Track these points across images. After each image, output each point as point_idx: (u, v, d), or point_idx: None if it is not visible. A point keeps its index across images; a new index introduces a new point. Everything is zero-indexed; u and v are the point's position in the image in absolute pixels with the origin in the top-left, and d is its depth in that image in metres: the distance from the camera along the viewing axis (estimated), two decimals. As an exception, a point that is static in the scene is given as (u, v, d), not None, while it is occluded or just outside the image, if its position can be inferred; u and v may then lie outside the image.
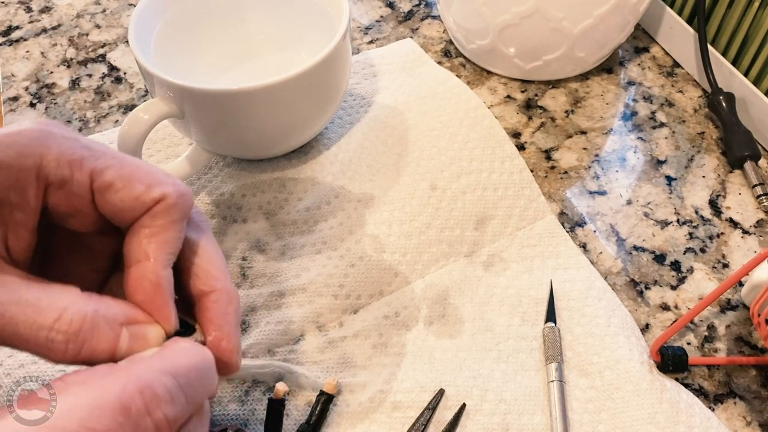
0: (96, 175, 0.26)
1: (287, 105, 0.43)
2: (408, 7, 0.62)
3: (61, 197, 0.26)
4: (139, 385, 0.22)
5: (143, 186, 0.26)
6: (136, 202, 0.26)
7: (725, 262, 0.45)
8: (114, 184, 0.26)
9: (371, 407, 0.38)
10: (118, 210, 0.26)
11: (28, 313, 0.23)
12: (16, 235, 0.25)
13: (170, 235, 0.26)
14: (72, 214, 0.27)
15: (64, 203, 0.26)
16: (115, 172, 0.26)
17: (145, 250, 0.26)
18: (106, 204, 0.26)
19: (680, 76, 0.56)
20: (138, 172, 0.26)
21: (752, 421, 0.38)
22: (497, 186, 0.47)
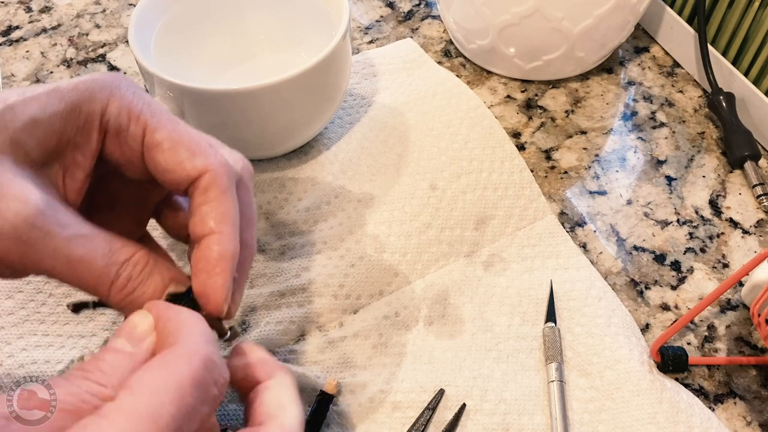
0: (149, 131, 0.27)
1: (287, 105, 0.43)
2: (408, 7, 0.62)
3: (116, 145, 0.28)
4: (202, 360, 0.23)
5: (188, 152, 0.27)
6: (178, 166, 0.27)
7: (725, 262, 0.45)
8: (162, 144, 0.27)
9: (371, 407, 0.38)
10: (162, 170, 0.27)
11: (102, 247, 0.25)
12: (72, 177, 0.27)
13: (226, 206, 0.27)
14: (123, 164, 0.28)
15: (117, 151, 0.28)
16: (165, 132, 0.27)
17: (207, 222, 0.27)
18: (151, 161, 0.28)
19: (680, 76, 0.56)
20: (186, 137, 0.27)
21: (752, 421, 0.38)
22: (497, 186, 0.47)
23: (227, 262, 0.27)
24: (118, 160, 0.28)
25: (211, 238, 0.27)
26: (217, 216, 0.27)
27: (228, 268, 0.27)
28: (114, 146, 0.28)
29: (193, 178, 0.27)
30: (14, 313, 0.41)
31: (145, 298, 0.26)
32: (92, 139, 0.27)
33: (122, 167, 0.29)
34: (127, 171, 0.29)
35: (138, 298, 0.26)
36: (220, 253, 0.27)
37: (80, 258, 0.25)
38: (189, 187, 0.27)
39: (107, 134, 0.27)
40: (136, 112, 0.27)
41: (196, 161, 0.27)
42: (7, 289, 0.42)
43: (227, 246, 0.27)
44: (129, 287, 0.26)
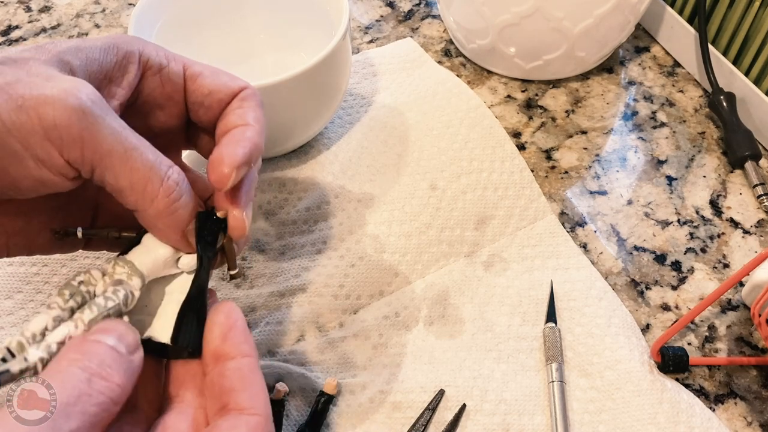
0: (187, 66, 0.31)
1: (287, 105, 0.43)
2: (408, 7, 0.62)
3: (157, 82, 0.30)
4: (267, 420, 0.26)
5: (228, 77, 0.31)
6: (223, 86, 0.30)
7: (726, 262, 0.45)
8: (203, 73, 0.31)
9: (371, 408, 0.38)
10: (207, 92, 0.30)
11: (151, 158, 0.27)
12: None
13: (260, 114, 0.30)
14: (161, 104, 0.31)
15: (158, 88, 0.30)
16: (202, 67, 0.31)
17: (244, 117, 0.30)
18: (198, 87, 0.30)
19: (681, 76, 0.56)
20: (221, 70, 0.31)
21: (753, 421, 0.38)
22: (497, 186, 0.47)
23: (248, 144, 0.28)
24: (157, 100, 0.31)
25: (243, 128, 0.29)
26: (253, 116, 0.30)
27: (250, 148, 0.28)
28: (155, 84, 0.30)
29: (235, 92, 0.30)
30: (14, 313, 0.41)
31: (187, 211, 0.28)
32: (131, 72, 0.29)
33: (158, 112, 0.31)
34: (162, 116, 0.31)
35: (179, 209, 0.28)
36: (249, 136, 0.29)
37: (135, 146, 0.26)
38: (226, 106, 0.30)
39: (148, 72, 0.30)
40: (172, 54, 0.31)
41: (238, 81, 0.31)
42: (7, 289, 0.42)
43: (254, 135, 0.29)
44: (176, 193, 0.27)
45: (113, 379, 0.24)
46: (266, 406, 0.25)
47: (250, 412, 0.25)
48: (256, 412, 0.25)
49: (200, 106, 0.31)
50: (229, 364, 0.26)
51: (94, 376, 0.23)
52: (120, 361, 0.25)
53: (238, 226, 0.29)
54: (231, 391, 0.25)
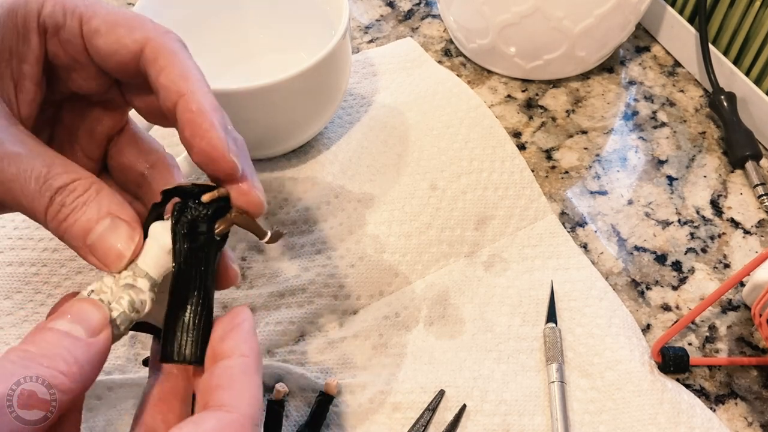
0: (84, 21, 0.26)
1: (287, 105, 0.43)
2: (408, 7, 0.62)
3: (57, 45, 0.27)
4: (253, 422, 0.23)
5: (125, 29, 0.26)
6: (119, 45, 0.26)
7: (726, 263, 0.45)
8: (99, 29, 0.26)
9: (371, 408, 0.38)
10: (105, 55, 0.26)
11: (37, 169, 0.24)
12: (23, 89, 0.26)
13: (182, 66, 0.26)
14: (72, 66, 0.27)
15: (61, 52, 0.27)
16: (100, 18, 0.26)
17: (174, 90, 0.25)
18: (94, 51, 0.26)
19: (681, 76, 0.56)
20: (122, 18, 0.26)
21: (753, 421, 0.38)
22: (498, 186, 0.47)
23: (211, 115, 0.25)
24: (64, 64, 0.27)
25: (183, 102, 0.25)
26: (177, 77, 0.25)
27: (216, 119, 0.25)
28: (56, 48, 0.27)
29: (135, 51, 0.26)
30: (13, 313, 0.41)
31: (78, 228, 0.25)
32: (32, 43, 0.26)
33: (72, 75, 0.28)
34: (78, 80, 0.28)
35: (71, 226, 0.25)
36: (199, 109, 0.25)
37: (13, 177, 0.24)
38: (138, 66, 0.26)
39: (47, 35, 0.26)
40: (71, 6, 0.26)
41: (134, 34, 0.26)
42: (6, 289, 0.42)
43: (202, 100, 0.25)
44: (62, 214, 0.25)
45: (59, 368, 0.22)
46: (250, 407, 0.23)
47: (227, 409, 0.22)
48: (234, 411, 0.23)
49: (107, 70, 0.27)
50: (222, 362, 0.24)
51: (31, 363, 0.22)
52: (73, 346, 0.22)
53: (253, 201, 0.26)
54: (216, 388, 0.23)
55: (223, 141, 0.25)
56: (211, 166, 0.25)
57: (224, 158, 0.25)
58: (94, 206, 0.25)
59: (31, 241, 0.43)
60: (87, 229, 0.25)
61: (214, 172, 0.25)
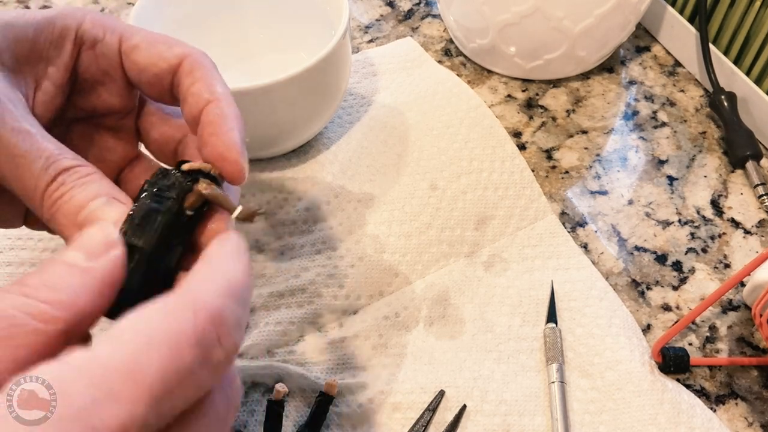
0: (125, 39, 0.28)
1: (287, 105, 0.43)
2: (408, 6, 0.62)
3: (91, 57, 0.28)
4: (211, 315, 0.20)
5: (165, 45, 0.28)
6: (159, 58, 0.28)
7: (727, 263, 0.45)
8: (139, 45, 0.28)
9: (371, 408, 0.38)
10: (142, 67, 0.28)
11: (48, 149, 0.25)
12: (43, 90, 0.28)
13: (216, 80, 0.27)
14: (100, 80, 0.29)
15: (93, 64, 0.28)
16: (141, 37, 0.28)
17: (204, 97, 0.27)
18: (131, 63, 0.28)
19: (681, 76, 0.56)
20: (161, 37, 0.29)
21: (754, 422, 0.38)
22: (498, 186, 0.47)
23: (234, 120, 0.26)
24: (94, 76, 0.29)
25: (210, 106, 0.26)
26: (210, 87, 0.27)
27: (237, 126, 0.26)
28: (90, 60, 0.28)
29: (174, 65, 0.27)
30: (13, 313, 0.41)
31: (73, 203, 0.24)
32: (65, 50, 0.28)
33: (98, 88, 0.29)
34: (103, 93, 0.29)
35: (66, 203, 0.24)
36: (225, 113, 0.26)
37: (24, 153, 0.24)
38: (173, 80, 0.28)
39: (82, 47, 0.28)
40: (111, 26, 0.28)
41: (174, 50, 0.28)
42: (6, 289, 0.42)
43: (229, 108, 0.27)
44: (59, 192, 0.24)
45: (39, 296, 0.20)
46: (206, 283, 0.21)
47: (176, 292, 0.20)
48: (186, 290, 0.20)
49: (140, 83, 0.29)
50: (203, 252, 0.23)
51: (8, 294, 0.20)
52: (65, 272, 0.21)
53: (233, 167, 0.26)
54: None
55: (238, 145, 0.26)
56: (220, 164, 0.26)
57: (236, 161, 0.26)
58: (93, 186, 0.25)
59: (31, 241, 0.43)
60: (81, 206, 0.24)
61: (220, 170, 0.26)
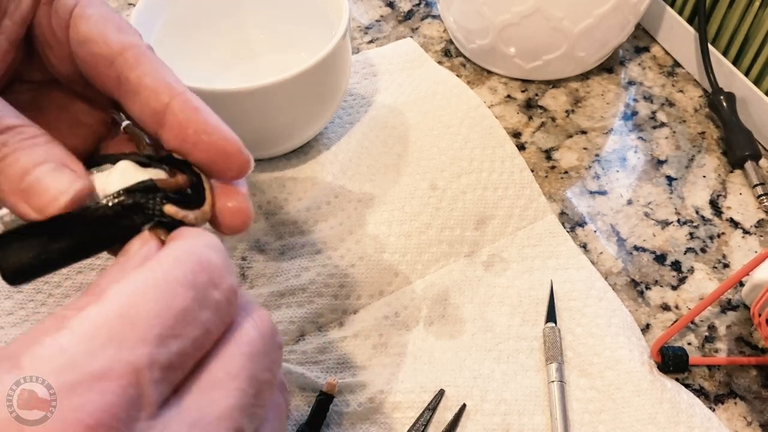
0: (81, 5, 0.25)
1: (287, 105, 0.43)
2: (408, 7, 0.62)
3: (45, 14, 0.25)
4: (197, 259, 0.20)
5: (115, 28, 0.25)
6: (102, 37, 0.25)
7: (726, 262, 0.45)
8: (91, 17, 0.25)
9: (371, 408, 0.38)
10: (83, 39, 0.25)
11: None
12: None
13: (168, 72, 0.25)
14: (51, 43, 0.26)
15: (46, 22, 0.25)
16: (97, 10, 0.25)
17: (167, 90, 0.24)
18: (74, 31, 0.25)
19: (681, 76, 0.56)
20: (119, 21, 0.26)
21: (753, 421, 0.38)
22: (497, 186, 0.47)
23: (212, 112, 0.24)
24: (45, 35, 0.26)
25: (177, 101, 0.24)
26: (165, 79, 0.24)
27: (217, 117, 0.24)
28: (43, 17, 0.25)
29: (115, 51, 0.24)
30: (14, 313, 0.41)
31: (15, 168, 0.22)
32: (23, 3, 0.25)
33: (48, 52, 0.26)
34: (52, 57, 0.26)
35: (8, 166, 0.22)
36: (198, 106, 0.24)
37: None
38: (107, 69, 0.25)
39: (42, 1, 0.25)
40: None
41: (122, 36, 0.25)
42: (7, 289, 0.42)
43: (198, 100, 0.24)
44: (1, 153, 0.22)
45: None
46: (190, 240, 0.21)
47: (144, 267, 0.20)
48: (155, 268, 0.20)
49: (76, 55, 0.25)
50: None
51: None
52: None
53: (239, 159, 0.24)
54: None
55: (234, 136, 0.24)
56: (223, 162, 0.24)
57: (240, 152, 0.24)
58: (39, 150, 0.22)
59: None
60: (25, 170, 0.22)
61: (224, 170, 0.24)
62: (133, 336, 0.18)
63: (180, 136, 0.24)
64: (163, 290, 0.19)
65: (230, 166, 0.24)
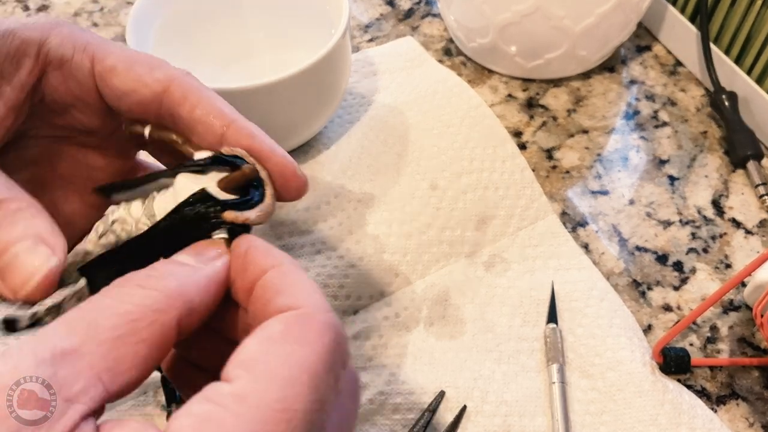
0: (98, 60, 0.25)
1: (286, 104, 0.43)
2: (408, 5, 0.62)
3: (59, 79, 0.25)
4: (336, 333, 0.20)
5: (145, 67, 0.25)
6: (140, 83, 0.25)
7: (728, 263, 0.45)
8: (116, 67, 0.25)
9: (371, 409, 0.38)
10: (121, 94, 0.25)
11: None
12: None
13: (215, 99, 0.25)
14: (72, 103, 0.26)
15: (62, 87, 0.25)
16: (116, 57, 0.25)
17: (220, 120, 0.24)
18: (108, 89, 0.25)
19: (682, 75, 0.56)
20: (141, 57, 0.26)
21: (755, 422, 0.38)
22: (498, 185, 0.46)
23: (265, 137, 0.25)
24: (63, 99, 0.26)
25: (233, 129, 0.24)
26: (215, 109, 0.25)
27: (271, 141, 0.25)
28: (58, 81, 0.25)
29: (159, 92, 0.25)
30: (12, 313, 0.41)
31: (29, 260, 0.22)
32: (24, 67, 0.24)
33: (71, 111, 0.26)
34: (78, 115, 0.27)
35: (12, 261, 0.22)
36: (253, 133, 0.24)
37: None
38: (158, 110, 0.25)
39: (48, 68, 0.25)
40: (82, 43, 0.25)
41: (156, 73, 0.25)
42: (5, 289, 0.41)
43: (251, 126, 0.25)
44: None
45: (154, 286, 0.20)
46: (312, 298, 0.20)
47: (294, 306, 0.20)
48: (297, 306, 0.20)
49: (119, 108, 0.26)
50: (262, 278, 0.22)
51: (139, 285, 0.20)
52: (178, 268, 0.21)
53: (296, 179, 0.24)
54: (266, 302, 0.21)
55: (290, 159, 0.25)
56: (282, 185, 0.25)
57: (295, 175, 0.25)
58: (21, 226, 0.22)
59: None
60: (4, 248, 0.22)
61: (283, 192, 0.25)
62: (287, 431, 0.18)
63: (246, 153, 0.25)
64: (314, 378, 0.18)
65: (288, 188, 0.25)
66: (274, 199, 0.25)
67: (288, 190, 0.25)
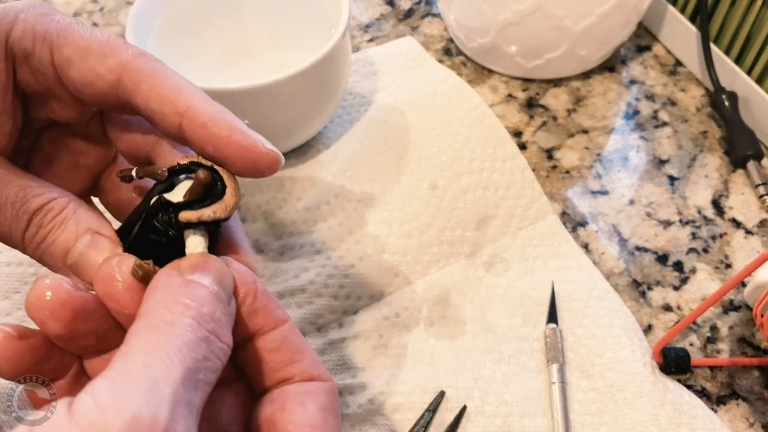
0: (55, 50, 0.24)
1: (286, 104, 0.43)
2: (408, 5, 0.62)
3: (27, 73, 0.25)
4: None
5: (97, 57, 0.24)
6: (93, 74, 0.24)
7: (728, 263, 0.45)
8: (71, 58, 0.24)
9: (371, 409, 0.38)
10: (80, 85, 0.24)
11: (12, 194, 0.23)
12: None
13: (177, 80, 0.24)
14: (46, 95, 0.26)
15: (31, 81, 0.25)
16: (72, 46, 0.24)
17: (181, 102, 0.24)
18: (67, 80, 0.24)
19: (683, 75, 0.56)
20: (95, 43, 0.24)
21: (755, 422, 0.38)
22: (498, 185, 0.46)
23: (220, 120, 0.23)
24: (37, 92, 0.25)
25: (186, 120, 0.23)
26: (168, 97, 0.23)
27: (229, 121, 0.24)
28: (27, 76, 0.25)
29: (111, 82, 0.24)
30: (11, 313, 0.41)
31: (57, 247, 0.24)
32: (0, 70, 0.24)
33: (49, 103, 0.26)
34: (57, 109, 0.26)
35: (49, 247, 0.24)
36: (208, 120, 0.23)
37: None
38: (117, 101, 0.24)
39: (16, 62, 0.24)
40: (41, 33, 0.24)
41: (108, 62, 0.23)
42: (4, 290, 0.41)
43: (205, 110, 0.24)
44: (39, 236, 0.24)
45: (225, 339, 0.21)
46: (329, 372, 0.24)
47: (322, 378, 0.23)
48: (327, 378, 0.23)
49: (83, 100, 0.25)
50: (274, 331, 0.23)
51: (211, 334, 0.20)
52: (226, 312, 0.21)
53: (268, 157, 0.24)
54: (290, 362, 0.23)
55: (252, 136, 0.24)
56: (254, 168, 0.24)
57: (261, 152, 0.24)
58: (72, 224, 0.24)
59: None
60: (66, 248, 0.24)
61: (259, 172, 0.24)
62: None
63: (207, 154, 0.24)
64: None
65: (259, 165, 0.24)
66: (237, 192, 0.24)
67: (259, 168, 0.24)
